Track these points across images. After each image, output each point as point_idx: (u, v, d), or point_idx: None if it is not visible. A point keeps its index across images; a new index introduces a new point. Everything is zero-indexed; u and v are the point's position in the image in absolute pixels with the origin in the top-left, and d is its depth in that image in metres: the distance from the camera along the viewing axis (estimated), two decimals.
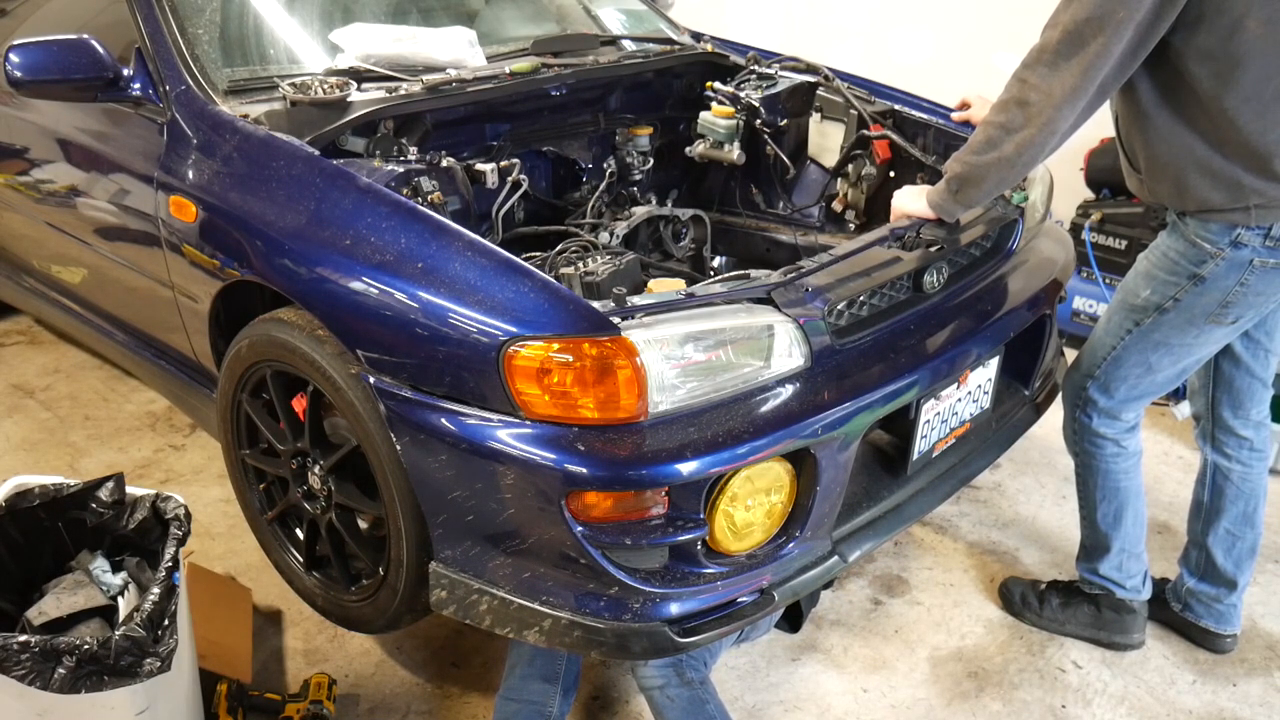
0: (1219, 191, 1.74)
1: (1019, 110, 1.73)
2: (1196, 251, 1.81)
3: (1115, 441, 2.07)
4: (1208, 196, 1.75)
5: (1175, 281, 1.86)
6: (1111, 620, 2.20)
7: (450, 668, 2.16)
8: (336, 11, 2.56)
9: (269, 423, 2.13)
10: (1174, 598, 2.27)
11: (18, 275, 3.20)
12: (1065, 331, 3.52)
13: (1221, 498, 2.14)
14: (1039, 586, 2.30)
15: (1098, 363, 2.02)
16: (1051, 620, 2.26)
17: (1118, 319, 1.98)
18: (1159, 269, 1.89)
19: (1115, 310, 2.00)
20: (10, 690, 1.47)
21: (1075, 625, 2.24)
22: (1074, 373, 2.10)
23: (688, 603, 1.67)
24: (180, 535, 1.73)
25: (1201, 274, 1.82)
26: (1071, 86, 1.66)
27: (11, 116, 2.74)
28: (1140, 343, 1.94)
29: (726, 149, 2.61)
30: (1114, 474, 2.10)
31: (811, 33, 4.40)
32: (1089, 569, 2.20)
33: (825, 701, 2.08)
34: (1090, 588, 2.21)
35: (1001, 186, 1.86)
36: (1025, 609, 2.29)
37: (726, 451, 1.61)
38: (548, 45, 2.62)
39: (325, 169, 1.93)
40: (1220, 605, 2.20)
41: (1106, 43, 1.61)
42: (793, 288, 1.78)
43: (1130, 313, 1.95)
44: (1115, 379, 2.00)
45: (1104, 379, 2.02)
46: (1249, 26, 1.61)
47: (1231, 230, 1.76)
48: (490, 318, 1.64)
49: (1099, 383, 2.03)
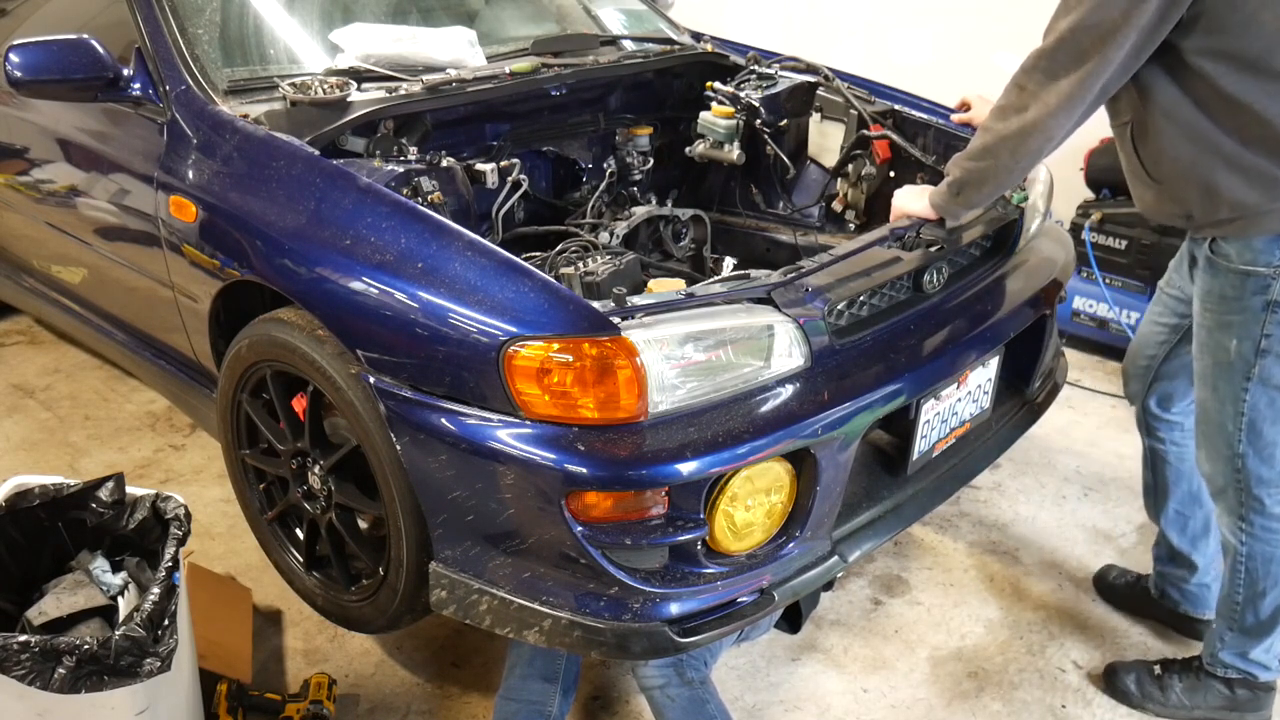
0: (1254, 189, 1.65)
1: (1017, 117, 1.71)
2: (1255, 280, 1.70)
3: None
4: (1242, 197, 1.66)
5: (1253, 318, 1.72)
6: (1246, 700, 2.00)
7: (450, 668, 2.16)
8: (336, 11, 2.56)
9: (269, 423, 2.13)
10: (1153, 586, 2.29)
11: (18, 275, 3.20)
12: (1065, 331, 3.52)
13: (1164, 480, 2.15)
14: (1154, 670, 2.08)
15: (1236, 442, 1.82)
16: (1179, 708, 2.03)
17: (1224, 387, 1.80)
18: (1229, 314, 1.75)
19: (1213, 381, 1.82)
20: (10, 690, 1.47)
21: (1205, 710, 2.02)
22: (1214, 468, 1.88)
23: (688, 603, 1.67)
24: (180, 535, 1.73)
25: (1274, 299, 1.69)
26: (1069, 94, 1.64)
27: (11, 116, 2.74)
28: (1264, 396, 1.77)
29: (726, 149, 2.61)
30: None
31: (811, 33, 4.40)
32: (1238, 654, 1.97)
33: (825, 701, 2.09)
34: (1228, 671, 2.00)
35: (1002, 189, 1.86)
36: (1147, 700, 2.05)
37: (726, 451, 1.61)
38: (548, 45, 2.62)
39: (325, 169, 1.93)
40: (1188, 587, 2.21)
41: (1106, 49, 1.59)
42: (793, 288, 1.78)
43: (1231, 372, 1.78)
44: (1264, 446, 1.81)
45: (1254, 452, 1.81)
46: (1265, 20, 1.57)
47: (1277, 241, 1.67)
48: (490, 318, 1.64)
49: (1252, 459, 1.82)
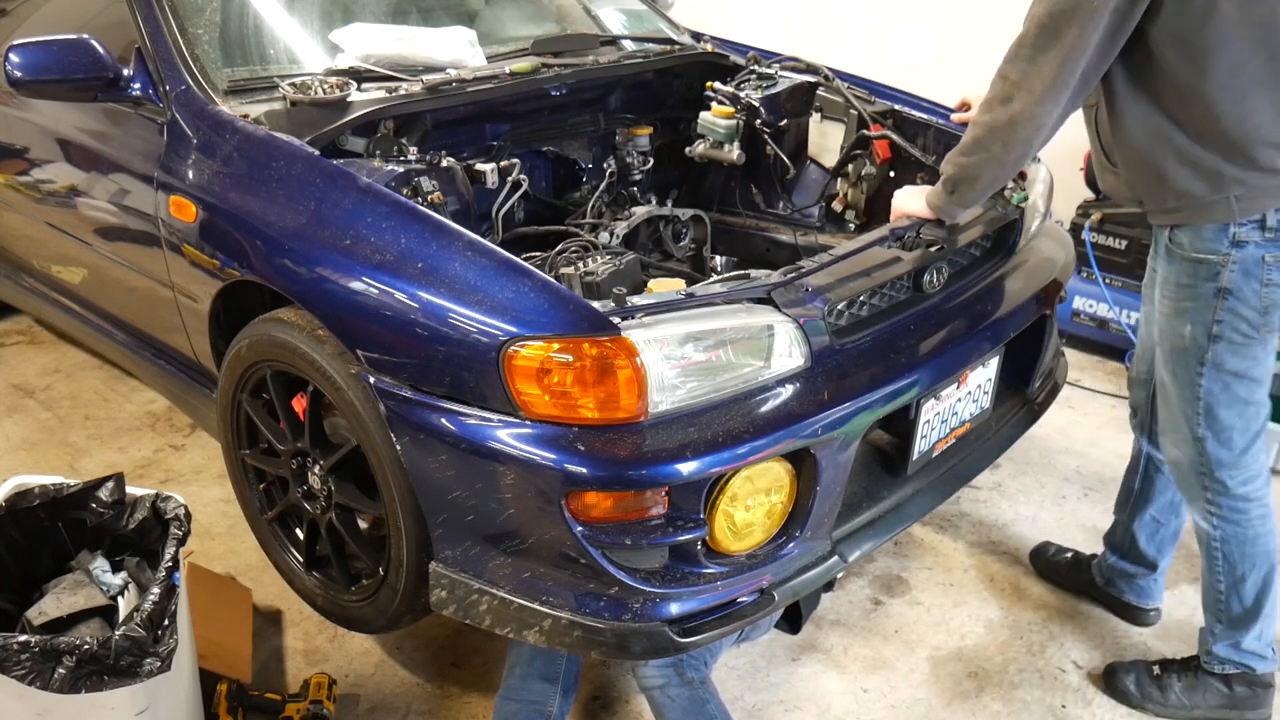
0: (1199, 182, 1.69)
1: (1003, 107, 1.72)
2: (1206, 267, 1.74)
3: (1260, 501, 1.90)
4: (1188, 187, 1.70)
5: (1206, 304, 1.76)
6: (1245, 698, 2.00)
7: (450, 668, 2.16)
8: (336, 11, 2.56)
9: (269, 423, 2.13)
10: (1098, 573, 2.30)
11: (18, 275, 3.20)
12: (1065, 331, 3.52)
13: (1151, 487, 2.17)
14: (1153, 670, 2.07)
15: (1196, 427, 1.85)
16: (1178, 708, 2.03)
17: (1181, 373, 1.84)
18: (1184, 300, 1.79)
19: (1172, 367, 1.86)
20: (10, 690, 1.47)
21: (1204, 710, 2.02)
22: (1178, 453, 1.92)
23: (688, 603, 1.67)
24: (180, 535, 1.73)
25: (1224, 286, 1.73)
26: (1052, 79, 1.65)
27: (11, 116, 2.74)
28: (1218, 381, 1.80)
29: (726, 149, 2.61)
30: (1262, 537, 1.92)
31: (811, 33, 4.40)
32: (1231, 645, 1.98)
33: (825, 701, 2.09)
34: (1224, 666, 2.00)
35: (997, 184, 1.86)
36: (1146, 700, 2.05)
37: (726, 451, 1.61)
38: (548, 45, 2.62)
39: (325, 169, 1.93)
40: (1141, 582, 2.22)
41: (1082, 31, 1.60)
42: (793, 288, 1.78)
43: (1186, 358, 1.82)
44: (1221, 430, 1.84)
45: (1213, 435, 1.85)
46: (1223, 9, 1.58)
47: (1225, 230, 1.71)
48: (490, 318, 1.64)
49: (1211, 443, 1.85)
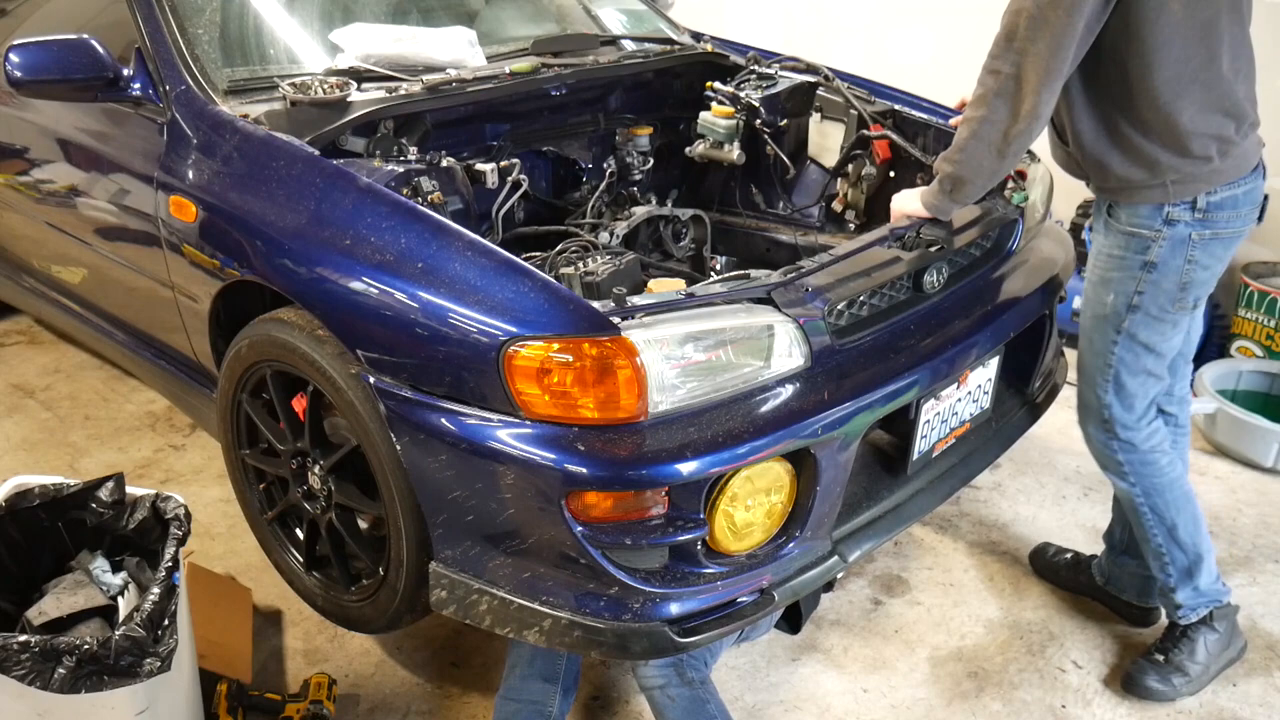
0: (1139, 169, 1.78)
1: (998, 101, 1.72)
2: (1137, 240, 1.83)
3: (1164, 451, 2.00)
4: (1127, 173, 1.79)
5: (1131, 275, 1.86)
6: (1232, 631, 2.06)
7: (450, 668, 2.16)
8: (336, 11, 2.56)
9: (269, 423, 2.13)
10: (1098, 573, 2.30)
11: (18, 275, 3.20)
12: (1065, 331, 3.51)
13: None
14: (1159, 659, 2.08)
15: (1106, 390, 1.96)
16: (1203, 672, 2.05)
17: (1098, 340, 1.94)
18: (1111, 270, 1.89)
19: (1090, 334, 1.96)
20: (10, 690, 1.47)
21: (1216, 660, 2.06)
22: (1088, 414, 2.02)
23: (688, 603, 1.67)
24: (180, 535, 1.73)
25: (1151, 259, 1.83)
26: (1045, 68, 1.66)
27: (11, 116, 2.74)
28: (1129, 351, 1.91)
29: (726, 149, 2.61)
30: (1177, 481, 2.01)
31: (811, 33, 4.40)
32: (1192, 590, 2.04)
33: (825, 701, 2.08)
34: (1197, 611, 2.05)
35: (994, 179, 1.86)
36: (1181, 687, 2.04)
37: (726, 451, 1.61)
38: (548, 45, 2.63)
39: (325, 169, 1.93)
40: (1140, 582, 2.23)
41: (1070, 18, 1.62)
42: (793, 288, 1.78)
43: (1104, 324, 1.92)
44: (1126, 396, 1.95)
45: (1118, 402, 1.95)
46: (1172, 8, 1.65)
47: (1160, 209, 1.79)
48: (490, 318, 1.64)
49: (1116, 408, 1.96)
